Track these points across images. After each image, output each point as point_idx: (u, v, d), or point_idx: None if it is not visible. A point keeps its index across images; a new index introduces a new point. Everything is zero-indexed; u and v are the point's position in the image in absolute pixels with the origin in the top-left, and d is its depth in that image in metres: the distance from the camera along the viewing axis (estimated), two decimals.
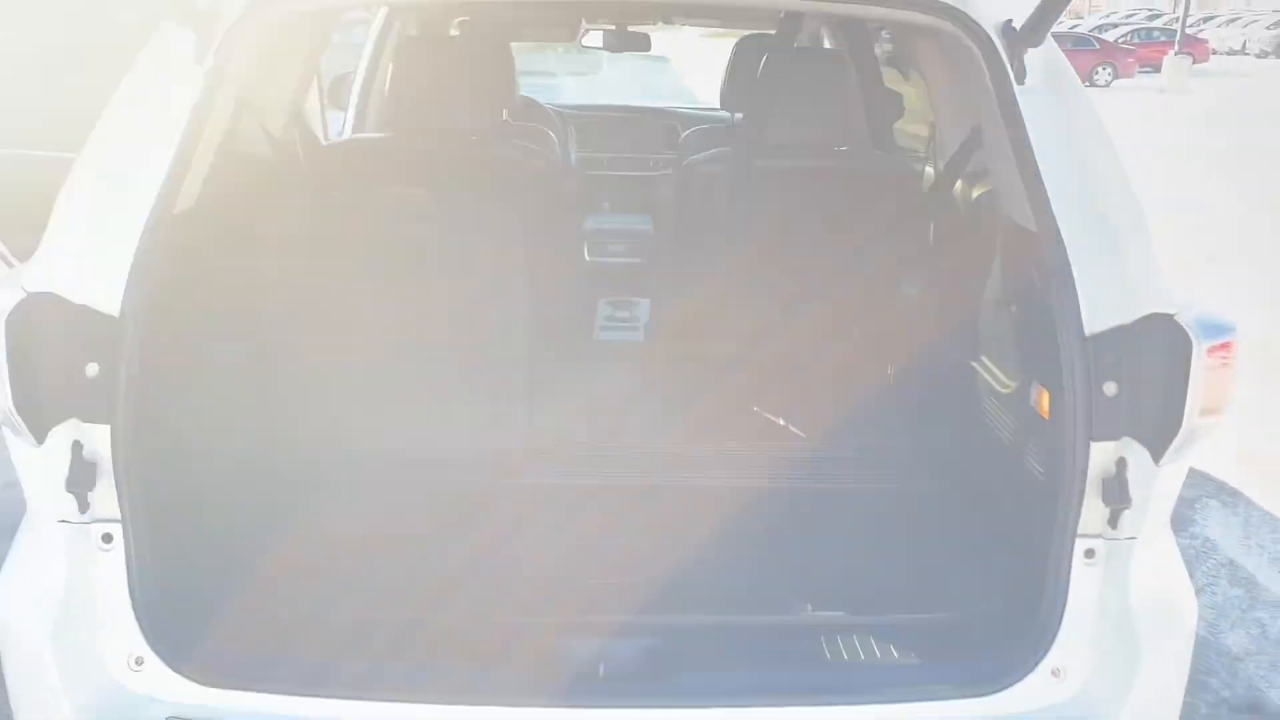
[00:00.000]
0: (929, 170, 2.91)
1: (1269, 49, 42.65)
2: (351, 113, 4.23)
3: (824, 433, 2.73)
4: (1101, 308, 1.81)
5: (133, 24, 3.59)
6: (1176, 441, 1.75)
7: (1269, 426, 5.42)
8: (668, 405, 2.93)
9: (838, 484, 2.52)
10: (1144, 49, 31.93)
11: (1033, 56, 1.98)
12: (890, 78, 4.05)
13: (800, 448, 2.75)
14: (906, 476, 2.46)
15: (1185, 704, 3.28)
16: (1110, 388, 1.79)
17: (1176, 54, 27.74)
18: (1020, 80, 1.96)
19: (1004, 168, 2.05)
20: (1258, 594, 3.96)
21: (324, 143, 3.35)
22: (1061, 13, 1.92)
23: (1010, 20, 1.99)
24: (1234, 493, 4.82)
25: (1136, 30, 36.55)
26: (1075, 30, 36.04)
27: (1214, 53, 39.33)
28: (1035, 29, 1.93)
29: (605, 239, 4.21)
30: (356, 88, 4.31)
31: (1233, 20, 52.08)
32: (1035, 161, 1.90)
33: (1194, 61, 29.91)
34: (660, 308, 3.30)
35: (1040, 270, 1.91)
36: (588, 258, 4.19)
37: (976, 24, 1.97)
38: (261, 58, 2.15)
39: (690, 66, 7.74)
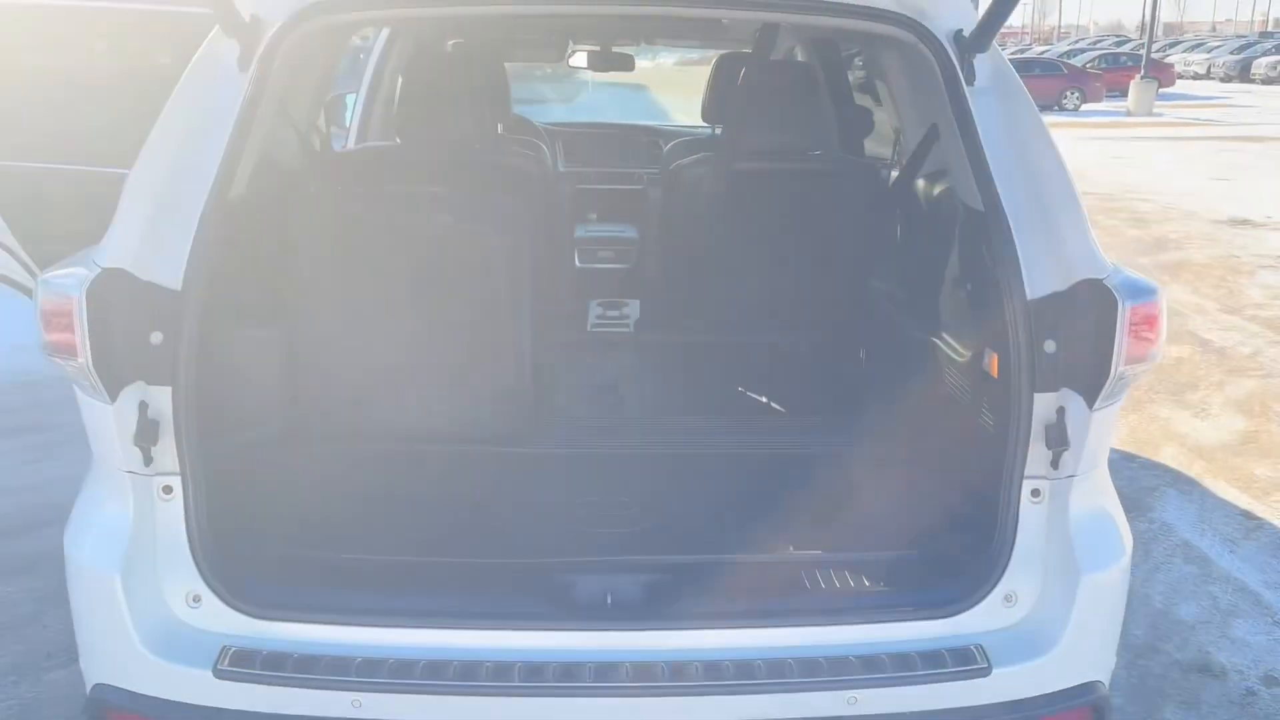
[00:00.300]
0: (895, 173, 3.18)
1: (1233, 73, 43.68)
2: (356, 126, 4.48)
3: (802, 407, 2.99)
4: (1041, 276, 2.07)
5: (167, 65, 3.83)
6: (1106, 388, 2.01)
7: None
8: (658, 384, 3.18)
9: (813, 449, 2.77)
10: (1111, 74, 32.55)
11: (981, 60, 2.26)
12: (864, 100, 4.34)
13: (780, 419, 3.01)
14: (876, 439, 2.72)
15: (1140, 665, 3.56)
16: (1050, 345, 2.04)
17: (1142, 78, 28.38)
18: (970, 82, 2.23)
19: (958, 159, 2.31)
20: (1210, 570, 4.23)
21: (336, 150, 3.59)
22: (1005, 21, 2.20)
23: (960, 29, 2.26)
24: (1190, 482, 5.11)
25: (1104, 55, 37.31)
26: (1044, 56, 36.81)
27: (1180, 77, 40.22)
28: (982, 36, 2.20)
29: (595, 246, 4.46)
30: (359, 103, 4.56)
31: (1197, 45, 53.28)
32: (984, 151, 2.16)
33: (1160, 85, 30.60)
34: (649, 303, 3.55)
35: (989, 247, 2.17)
36: (578, 264, 4.45)
37: (930, 33, 2.24)
38: (295, 66, 2.40)
39: (667, 93, 8.08)
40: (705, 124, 4.14)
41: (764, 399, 3.13)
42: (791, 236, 3.10)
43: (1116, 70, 33.35)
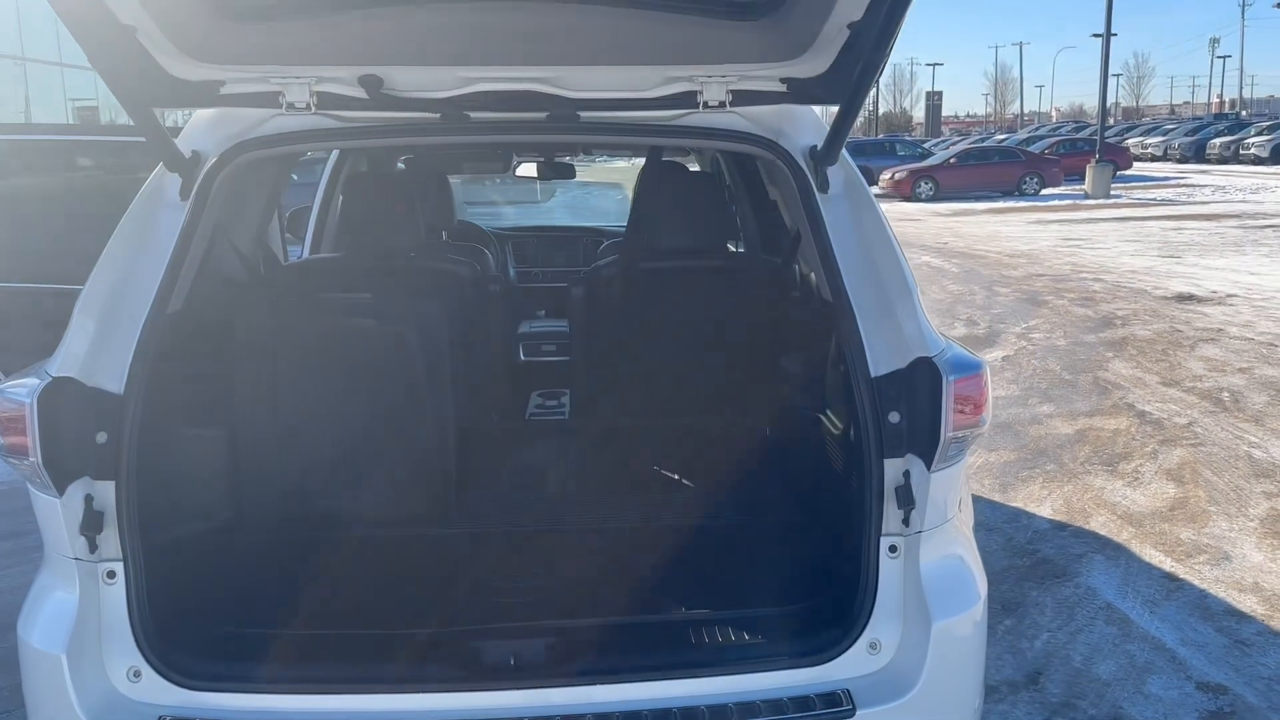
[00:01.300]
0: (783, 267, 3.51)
1: (1189, 154, 45.16)
2: (309, 239, 4.81)
3: (709, 482, 3.26)
4: (883, 356, 2.36)
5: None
6: (939, 451, 2.28)
7: None
8: (581, 466, 3.45)
9: (712, 519, 3.02)
10: (1069, 159, 33.60)
11: (834, 171, 2.59)
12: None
13: (687, 494, 3.27)
14: (768, 508, 2.97)
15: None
16: (894, 416, 2.32)
17: (1098, 162, 29.36)
18: (823, 190, 2.56)
19: (813, 257, 2.63)
20: (1130, 631, 4.44)
21: (283, 263, 3.90)
22: (845, 139, 2.54)
23: (814, 145, 2.60)
24: (1118, 547, 5.34)
25: (1062, 141, 38.56)
26: (1003, 144, 38.04)
27: (1137, 159, 41.55)
28: (830, 149, 2.54)
29: (537, 340, 4.77)
30: (313, 218, 4.90)
31: (1154, 129, 55.08)
32: (833, 250, 2.48)
33: (1117, 169, 31.62)
34: (578, 392, 3.83)
35: (840, 332, 2.47)
36: (522, 358, 4.74)
37: (786, 151, 2.58)
38: (232, 193, 2.71)
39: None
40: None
41: (675, 476, 3.39)
42: (694, 328, 3.39)
43: (1074, 155, 34.44)
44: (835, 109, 2.61)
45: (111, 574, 2.28)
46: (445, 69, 2.48)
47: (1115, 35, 29.19)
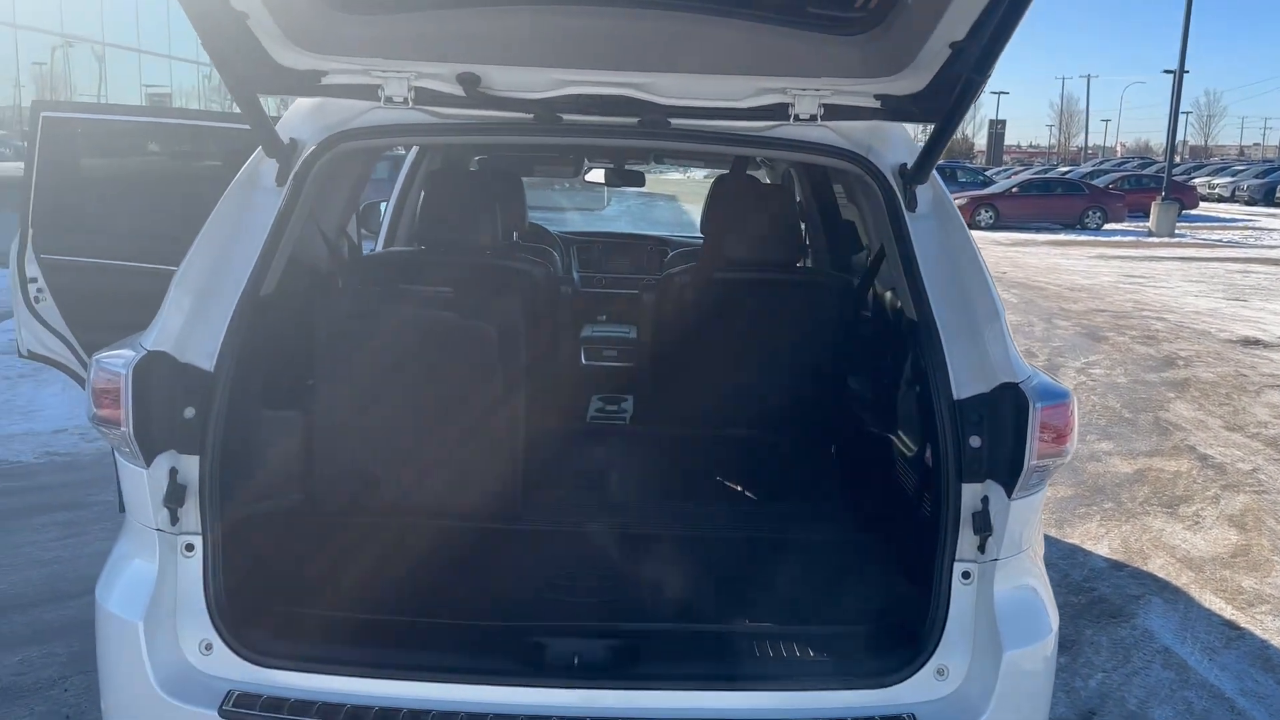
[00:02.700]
0: (861, 285, 3.49)
1: (1257, 196, 44.21)
2: (384, 232, 4.88)
3: (772, 496, 3.25)
4: (966, 379, 2.34)
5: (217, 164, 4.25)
6: (1020, 480, 2.25)
7: None
8: (643, 472, 3.45)
9: (778, 534, 3.01)
10: (1134, 195, 33.10)
11: (923, 190, 2.57)
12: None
13: (751, 506, 3.26)
14: (835, 526, 2.95)
15: None
16: (975, 440, 2.30)
17: (1164, 199, 28.86)
18: (911, 209, 2.55)
19: (899, 276, 2.61)
20: (1188, 677, 4.34)
21: (364, 254, 3.96)
22: (939, 158, 2.52)
23: (904, 163, 2.58)
24: (1176, 591, 5.23)
25: (1127, 177, 37.99)
26: (1067, 176, 37.54)
27: (1204, 199, 40.77)
28: (922, 169, 2.52)
29: (599, 345, 4.79)
30: (389, 212, 4.97)
31: (1222, 169, 54.02)
32: (919, 271, 2.46)
33: (1182, 208, 31.07)
34: (642, 398, 3.84)
35: (923, 353, 2.45)
36: (584, 361, 4.76)
37: (876, 168, 2.57)
38: (326, 181, 2.76)
39: (691, 204, 8.58)
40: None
41: (739, 488, 3.38)
42: (766, 341, 3.39)
43: (1139, 191, 33.94)
44: (927, 127, 2.60)
45: (190, 547, 2.33)
46: (541, 70, 2.50)
47: (1188, 72, 28.68)
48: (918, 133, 2.84)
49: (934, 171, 2.57)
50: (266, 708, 2.22)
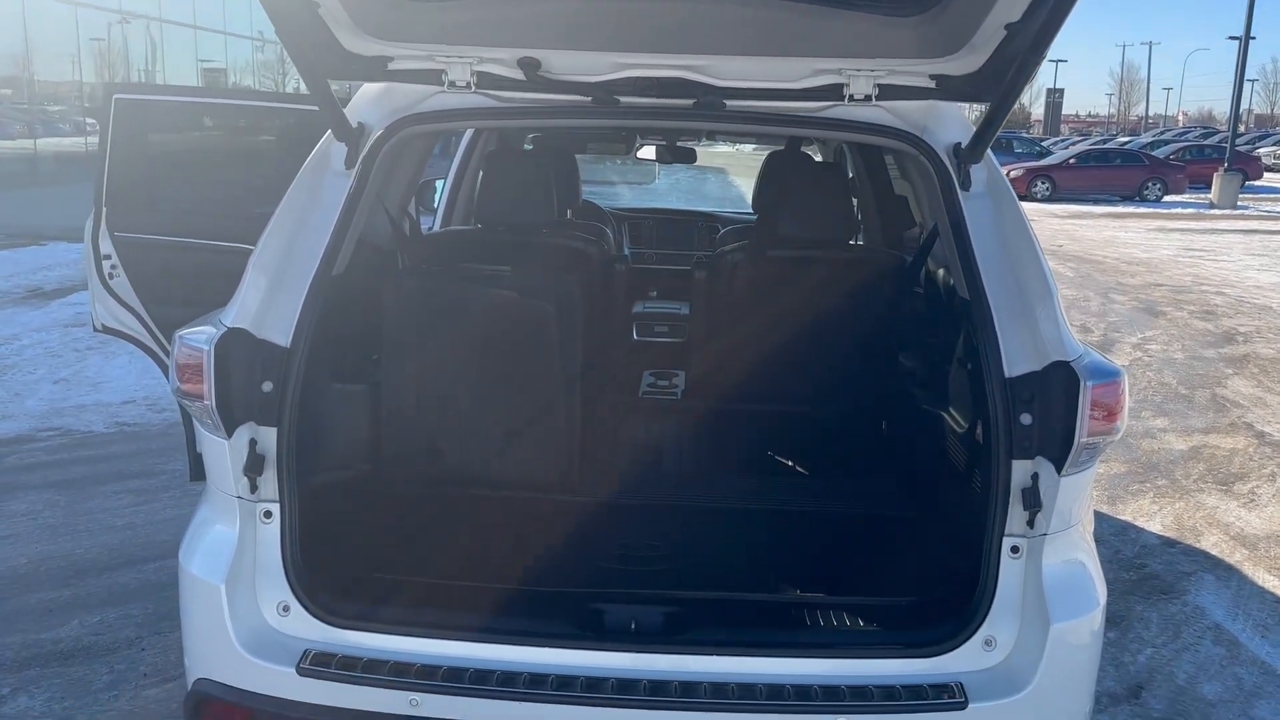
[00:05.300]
0: (914, 263, 3.52)
1: None
2: (441, 211, 4.98)
3: (823, 471, 3.31)
4: (1018, 357, 2.37)
5: (272, 142, 4.37)
6: (1071, 457, 2.29)
7: None
8: (696, 446, 3.53)
9: (828, 507, 3.07)
10: (1195, 166, 32.32)
11: (977, 169, 2.60)
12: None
13: (802, 480, 3.33)
14: (884, 500, 3.01)
15: None
16: (1025, 418, 2.33)
17: (1227, 170, 28.14)
18: (965, 188, 2.57)
19: (951, 254, 2.64)
20: (1238, 654, 4.33)
21: (423, 232, 4.06)
22: (994, 138, 2.54)
23: (959, 142, 2.61)
24: (1229, 569, 5.20)
25: (1188, 147, 37.05)
26: (1126, 147, 36.72)
27: (1269, 170, 39.64)
28: (975, 149, 2.55)
29: (650, 321, 4.86)
30: (446, 191, 5.07)
31: None
32: (972, 249, 2.49)
33: (1246, 179, 30.27)
34: (694, 374, 3.91)
35: (974, 331, 2.49)
36: (635, 337, 4.84)
37: (930, 147, 2.60)
38: (391, 163, 2.85)
39: (741, 178, 8.61)
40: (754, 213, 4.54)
41: (790, 462, 3.45)
42: (817, 318, 3.43)
43: (1201, 162, 33.12)
44: (981, 106, 2.62)
45: (268, 514, 2.44)
46: (599, 54, 2.57)
47: (1254, 39, 27.85)
48: (971, 111, 2.86)
49: (989, 150, 2.59)
50: (341, 666, 2.34)
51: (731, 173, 9.40)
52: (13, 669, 3.88)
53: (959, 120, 2.67)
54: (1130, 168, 30.20)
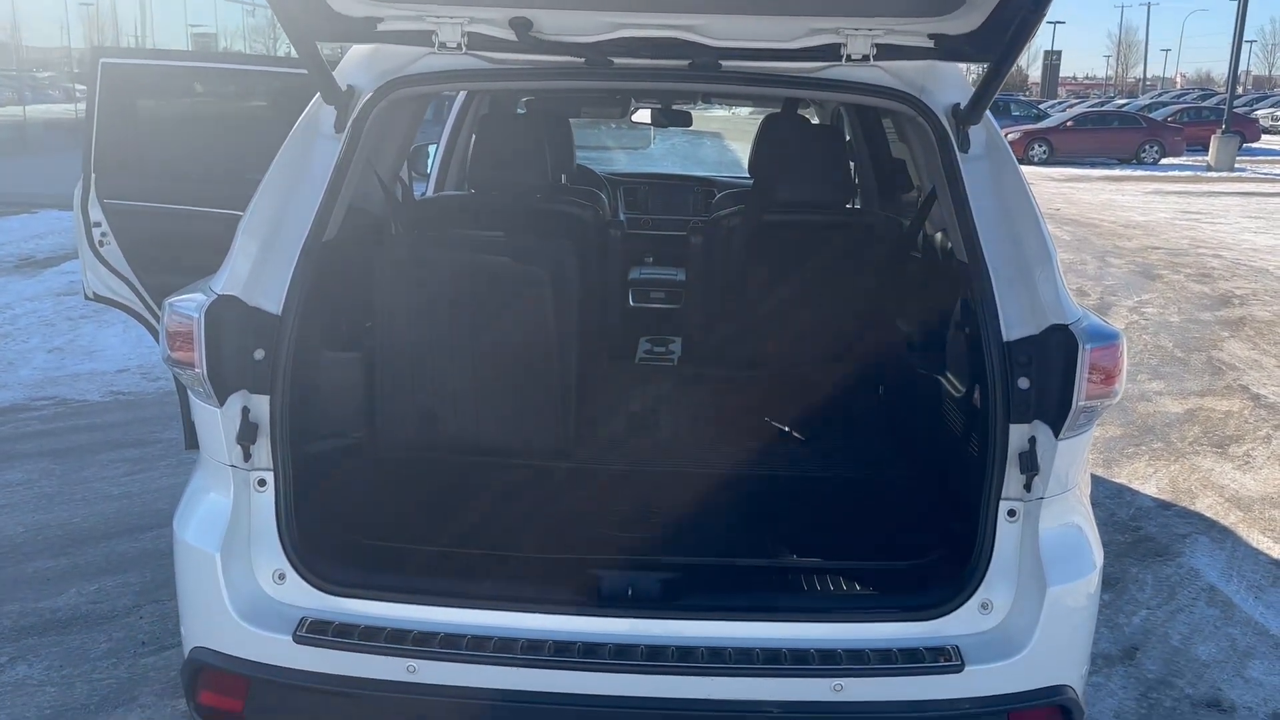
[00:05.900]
0: (910, 226, 3.49)
1: None
2: (434, 176, 4.94)
3: (819, 435, 3.30)
4: (1016, 321, 2.36)
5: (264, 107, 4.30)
6: (1069, 420, 2.28)
7: None
8: (692, 411, 3.53)
9: (825, 472, 3.07)
10: (1192, 128, 32.11)
11: (975, 131, 2.56)
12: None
13: (799, 446, 3.32)
14: (881, 464, 3.00)
15: (1151, 698, 3.73)
16: (1023, 382, 2.32)
17: (1224, 133, 27.99)
18: (964, 149, 2.54)
19: (950, 217, 2.62)
20: (1232, 615, 4.36)
21: (415, 198, 4.02)
22: (993, 98, 2.51)
23: (958, 103, 2.57)
24: (1224, 530, 5.22)
25: (1186, 110, 36.83)
26: (1123, 109, 36.50)
27: (1266, 132, 39.44)
28: (975, 109, 2.51)
29: (646, 286, 4.83)
30: (438, 156, 5.02)
31: None
32: (971, 212, 2.46)
33: (1243, 141, 30.13)
34: (690, 340, 3.90)
35: (972, 295, 2.47)
36: (631, 303, 4.81)
37: (928, 108, 2.56)
38: (382, 127, 2.81)
39: (737, 141, 8.55)
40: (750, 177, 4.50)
41: (785, 427, 3.44)
42: (814, 283, 3.41)
43: (1199, 124, 32.90)
44: (980, 66, 2.58)
45: (262, 482, 2.43)
46: (593, 14, 2.52)
47: None
48: (970, 72, 2.81)
49: (987, 112, 2.56)
50: (337, 633, 2.34)
51: (727, 137, 9.33)
52: (11, 637, 3.88)
53: (958, 81, 2.63)
54: (1127, 130, 30.05)
